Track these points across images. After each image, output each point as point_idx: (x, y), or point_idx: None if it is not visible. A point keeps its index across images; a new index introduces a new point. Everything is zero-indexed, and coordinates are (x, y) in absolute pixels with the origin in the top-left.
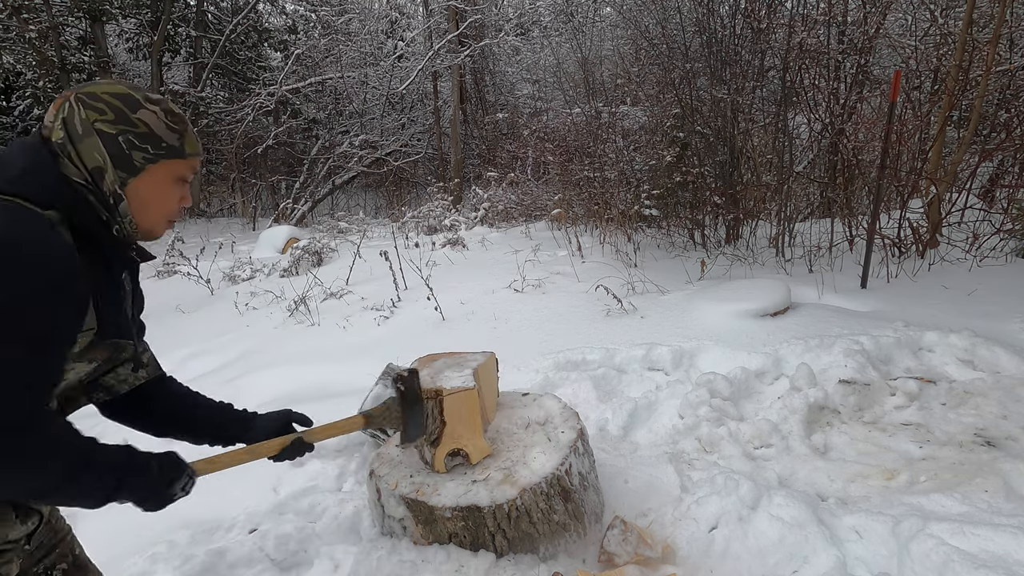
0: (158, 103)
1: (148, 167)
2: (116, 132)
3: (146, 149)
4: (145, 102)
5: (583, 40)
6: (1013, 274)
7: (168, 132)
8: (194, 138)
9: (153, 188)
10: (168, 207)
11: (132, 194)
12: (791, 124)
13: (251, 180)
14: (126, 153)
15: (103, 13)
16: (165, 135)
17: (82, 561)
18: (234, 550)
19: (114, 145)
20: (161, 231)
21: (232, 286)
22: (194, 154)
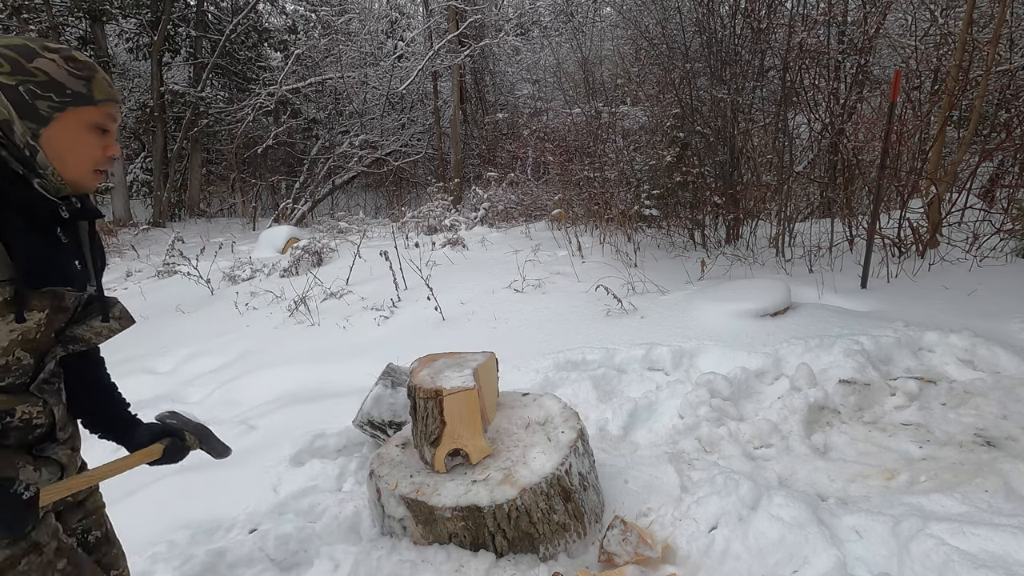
0: (57, 51)
1: (56, 116)
2: (15, 83)
3: (50, 97)
4: (43, 51)
5: (583, 40)
6: (1013, 274)
7: (71, 79)
8: (105, 84)
9: (67, 137)
10: (90, 156)
11: (47, 145)
12: (791, 124)
13: (251, 180)
14: (29, 103)
15: (103, 13)
16: (68, 82)
17: (112, 536)
18: (234, 550)
19: (15, 95)
20: (90, 182)
21: (232, 286)
22: (106, 100)
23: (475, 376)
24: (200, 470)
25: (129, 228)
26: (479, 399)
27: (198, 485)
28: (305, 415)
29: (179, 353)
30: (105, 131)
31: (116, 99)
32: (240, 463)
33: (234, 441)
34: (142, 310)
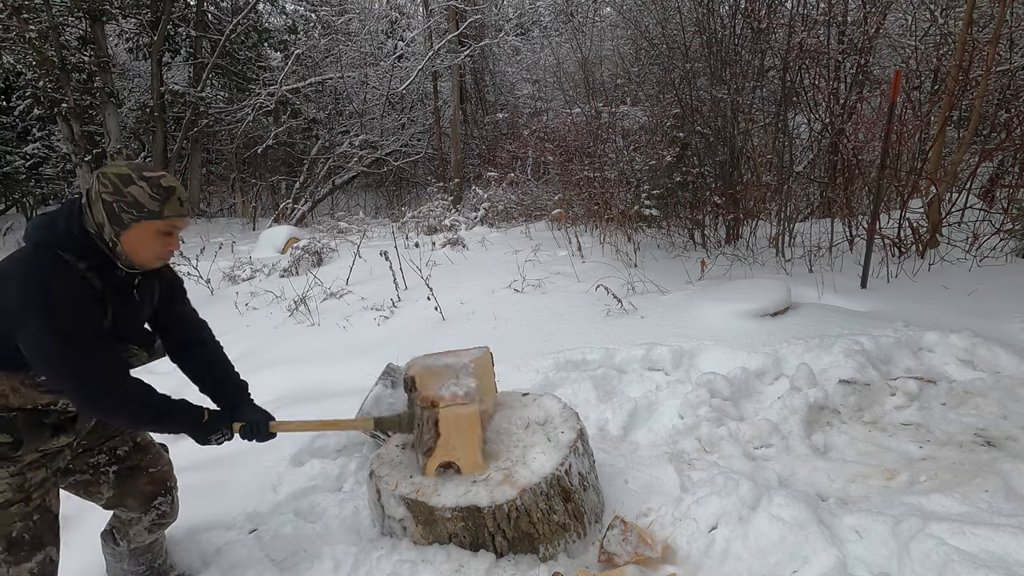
0: (148, 179)
1: (133, 225)
2: (112, 200)
3: (132, 212)
4: (138, 179)
5: (583, 40)
6: (1013, 274)
7: (150, 200)
8: (176, 203)
9: (139, 238)
10: (154, 251)
11: (125, 241)
12: (791, 124)
13: (251, 180)
14: (117, 214)
15: (103, 13)
16: (147, 203)
17: (143, 444)
18: (234, 550)
19: (109, 208)
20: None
21: (232, 286)
22: (173, 215)
23: (477, 388)
24: (200, 470)
25: None
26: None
27: (198, 485)
28: (305, 415)
29: None
30: (169, 235)
31: (183, 215)
32: (240, 463)
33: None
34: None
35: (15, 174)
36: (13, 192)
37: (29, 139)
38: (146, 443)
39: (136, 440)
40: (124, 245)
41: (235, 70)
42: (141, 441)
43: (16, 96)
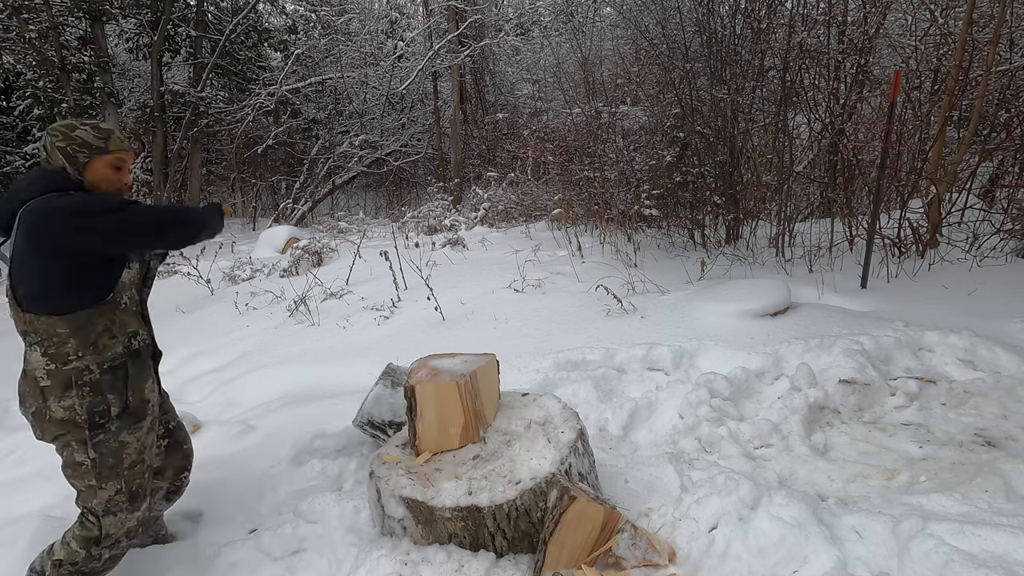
0: (89, 124)
1: (88, 162)
2: (65, 145)
3: (84, 151)
4: (80, 125)
5: (583, 40)
6: (1013, 274)
7: (96, 139)
8: (117, 140)
9: (97, 174)
10: (112, 183)
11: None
12: (791, 124)
13: (251, 180)
14: (73, 155)
15: (103, 13)
16: (94, 141)
17: (180, 423)
18: (234, 550)
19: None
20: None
21: (232, 286)
22: (117, 149)
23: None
24: (200, 470)
25: None
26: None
27: (198, 485)
28: (305, 415)
29: (179, 353)
30: (119, 169)
31: (126, 148)
32: (240, 463)
33: (234, 441)
34: None
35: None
36: None
37: (29, 139)
38: (180, 423)
39: (178, 419)
40: (88, 180)
41: (235, 70)
42: (179, 420)
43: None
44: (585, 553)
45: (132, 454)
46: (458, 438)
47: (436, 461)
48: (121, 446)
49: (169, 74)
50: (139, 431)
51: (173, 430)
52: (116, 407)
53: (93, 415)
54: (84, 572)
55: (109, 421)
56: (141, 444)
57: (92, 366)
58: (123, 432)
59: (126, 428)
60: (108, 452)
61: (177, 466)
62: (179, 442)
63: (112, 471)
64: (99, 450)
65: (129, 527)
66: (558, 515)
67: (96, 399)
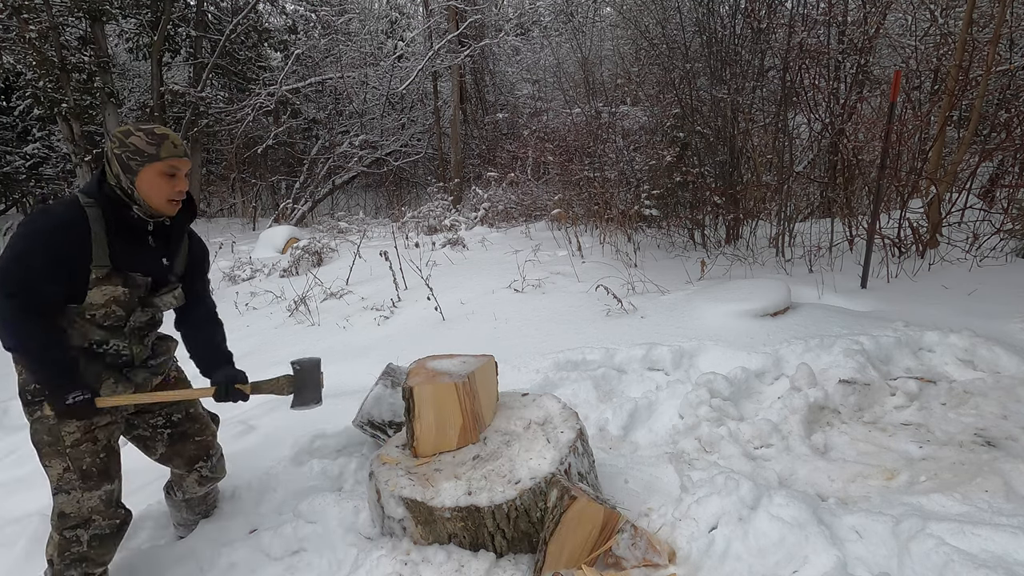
0: (144, 130)
1: (140, 170)
2: (120, 151)
3: (136, 159)
4: (136, 131)
5: (583, 40)
6: (1013, 274)
7: (148, 145)
8: (170, 146)
9: (148, 182)
10: (164, 193)
11: (139, 187)
12: (791, 124)
13: (251, 180)
14: (127, 163)
15: (103, 13)
16: (146, 148)
17: (195, 415)
18: (234, 550)
19: (120, 159)
20: (168, 208)
21: (232, 286)
22: (170, 156)
23: (469, 378)
24: None
25: None
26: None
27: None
28: (305, 415)
29: (179, 353)
30: (172, 176)
31: (179, 155)
32: (240, 463)
33: (234, 441)
34: None
35: (15, 174)
36: (13, 192)
37: (29, 139)
38: (197, 413)
39: (189, 411)
40: (139, 191)
41: (235, 70)
42: (193, 412)
43: (16, 96)
44: (585, 553)
45: (74, 432)
46: (456, 439)
47: (436, 461)
48: (58, 424)
49: (169, 74)
50: None
51: (178, 422)
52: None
53: (25, 392)
54: (76, 559)
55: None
56: (88, 423)
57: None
58: None
59: None
60: (43, 429)
61: (189, 456)
62: (187, 434)
63: (52, 448)
64: (34, 426)
65: (91, 505)
66: (558, 515)
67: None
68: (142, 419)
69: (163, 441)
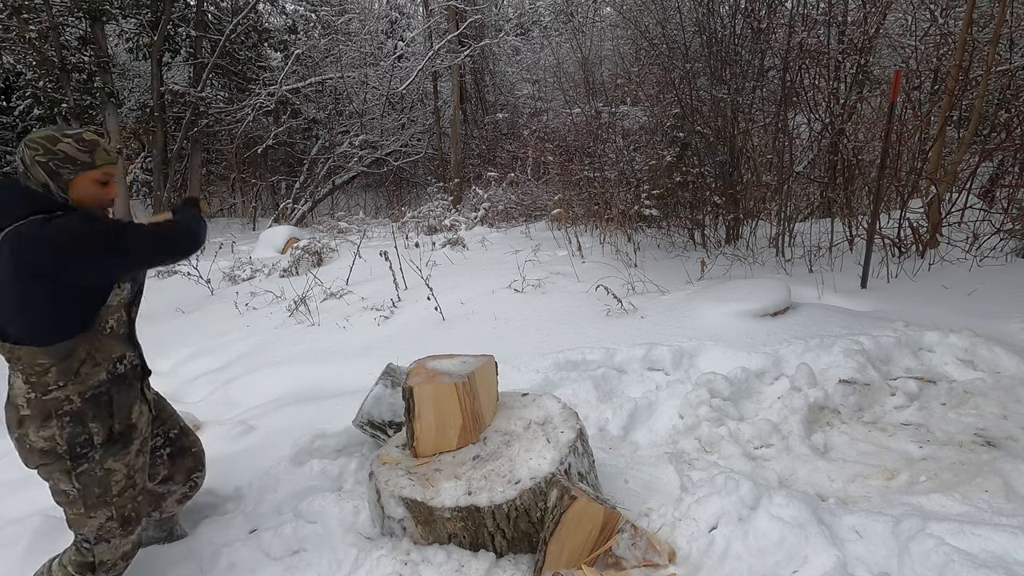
0: (72, 135)
1: (71, 179)
2: (47, 160)
3: (68, 167)
4: (63, 137)
5: (583, 40)
6: (1013, 274)
7: (80, 153)
8: (103, 153)
9: (83, 190)
10: (98, 200)
11: (72, 194)
12: (791, 124)
13: (251, 180)
14: (55, 171)
15: (103, 13)
16: (78, 155)
17: (185, 428)
18: (234, 550)
19: (47, 168)
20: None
21: (232, 286)
22: (104, 163)
23: (469, 378)
24: None
25: None
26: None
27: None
28: (305, 415)
29: (179, 353)
30: (106, 183)
31: (113, 162)
32: (240, 463)
33: (234, 441)
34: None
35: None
36: None
37: None
38: (186, 426)
39: (180, 424)
40: (72, 197)
41: (235, 70)
42: (183, 425)
43: (16, 96)
44: (585, 553)
45: (120, 480)
46: (456, 439)
47: (436, 461)
48: (107, 474)
49: (169, 74)
50: (126, 456)
51: (175, 438)
52: (100, 436)
53: (74, 446)
54: None
55: (92, 450)
56: (130, 469)
57: (73, 396)
58: (108, 459)
59: (111, 455)
60: (93, 482)
61: (187, 469)
62: (185, 448)
63: (100, 500)
64: (83, 480)
65: (124, 551)
66: (558, 515)
67: (77, 429)
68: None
69: (164, 463)
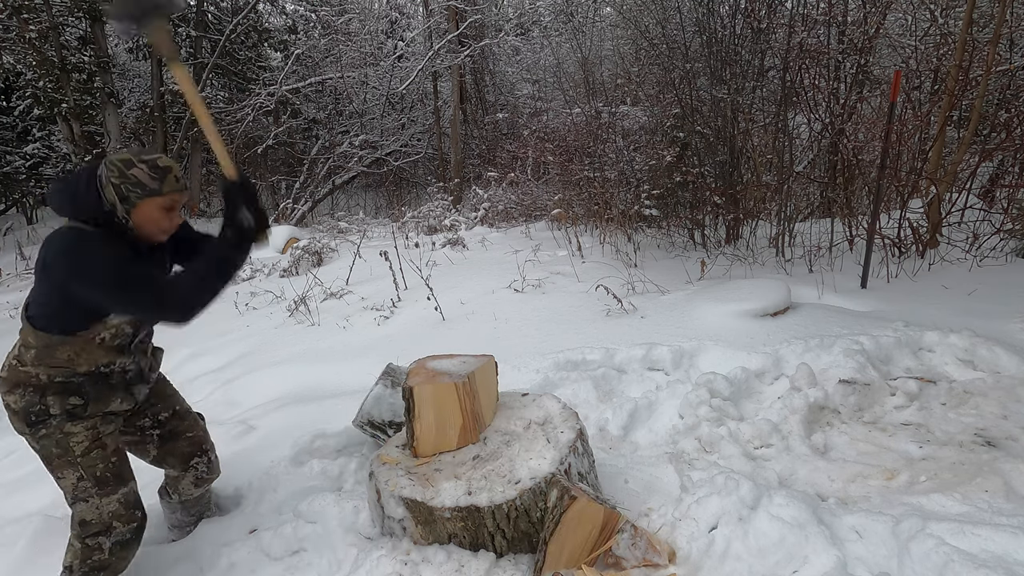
0: (146, 161)
1: (139, 203)
2: (119, 182)
3: (136, 191)
4: (138, 162)
5: (583, 40)
6: (1013, 274)
7: (151, 180)
8: (172, 181)
9: (146, 214)
10: (159, 225)
11: (135, 217)
12: (791, 124)
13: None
14: (125, 194)
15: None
16: (148, 182)
17: (182, 412)
18: (234, 550)
19: (118, 190)
20: (158, 237)
21: (232, 286)
22: (172, 191)
23: (469, 378)
24: None
25: None
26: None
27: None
28: (305, 415)
29: (179, 353)
30: (171, 209)
31: (180, 190)
32: (240, 463)
33: (234, 441)
34: None
35: (15, 174)
36: (13, 192)
37: (29, 139)
38: (184, 411)
39: (175, 408)
40: (134, 221)
41: (235, 70)
42: (179, 409)
43: (16, 96)
44: (585, 553)
45: (83, 441)
46: (456, 439)
47: (436, 461)
48: (66, 436)
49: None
50: (89, 419)
51: (165, 420)
52: (56, 409)
53: (29, 414)
54: (97, 566)
55: (49, 419)
56: (94, 432)
57: (42, 375)
58: (67, 424)
59: (70, 420)
60: (51, 443)
61: (182, 453)
62: (177, 432)
63: (62, 460)
64: (42, 442)
65: (111, 510)
66: (558, 515)
67: (34, 400)
68: (130, 423)
69: (154, 442)
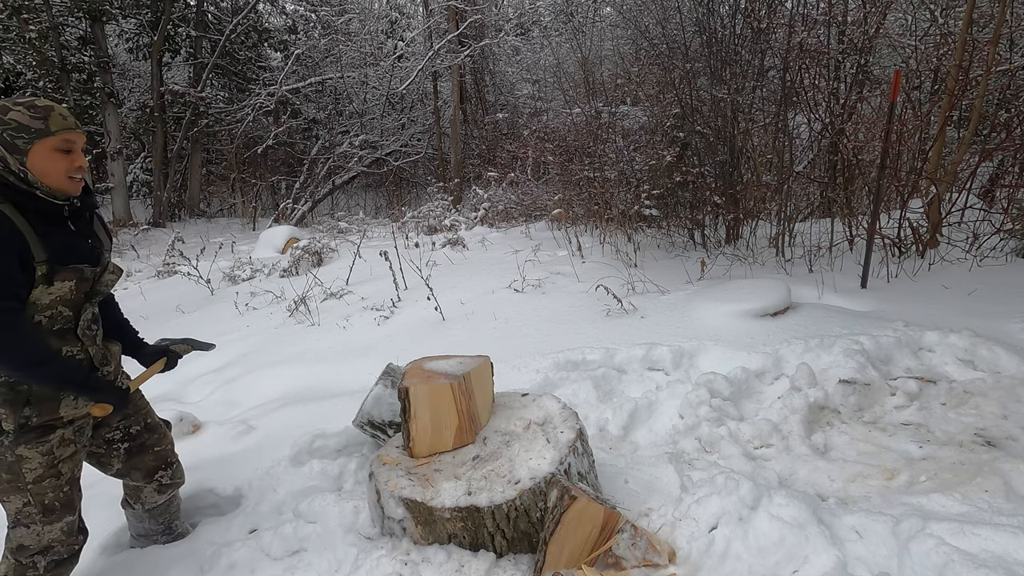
0: (23, 103)
1: (28, 149)
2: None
3: (22, 136)
4: (13, 106)
5: (583, 40)
6: (1013, 274)
7: (33, 120)
8: (59, 118)
9: (42, 160)
10: (62, 170)
11: (32, 167)
12: (791, 124)
13: (251, 180)
14: (11, 142)
15: (103, 13)
16: (32, 123)
17: (152, 425)
18: (234, 550)
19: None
20: (70, 187)
21: (232, 286)
22: (61, 129)
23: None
24: (200, 470)
25: (129, 228)
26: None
27: (199, 485)
28: (305, 415)
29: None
30: (68, 151)
31: (71, 127)
32: (240, 463)
33: (234, 441)
34: (142, 310)
35: None
36: None
37: None
38: (155, 423)
39: (147, 421)
40: (33, 172)
41: (235, 70)
42: (151, 422)
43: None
44: (585, 553)
45: (36, 468)
46: (452, 439)
47: (436, 462)
48: (19, 460)
49: (169, 74)
50: (44, 444)
51: (136, 434)
52: (9, 423)
53: None
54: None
55: (2, 435)
56: (50, 458)
57: None
58: (20, 446)
59: (23, 443)
60: (2, 467)
61: (147, 467)
62: (146, 446)
63: (11, 485)
64: None
65: (52, 537)
66: (558, 515)
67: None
68: (97, 434)
69: (119, 456)
